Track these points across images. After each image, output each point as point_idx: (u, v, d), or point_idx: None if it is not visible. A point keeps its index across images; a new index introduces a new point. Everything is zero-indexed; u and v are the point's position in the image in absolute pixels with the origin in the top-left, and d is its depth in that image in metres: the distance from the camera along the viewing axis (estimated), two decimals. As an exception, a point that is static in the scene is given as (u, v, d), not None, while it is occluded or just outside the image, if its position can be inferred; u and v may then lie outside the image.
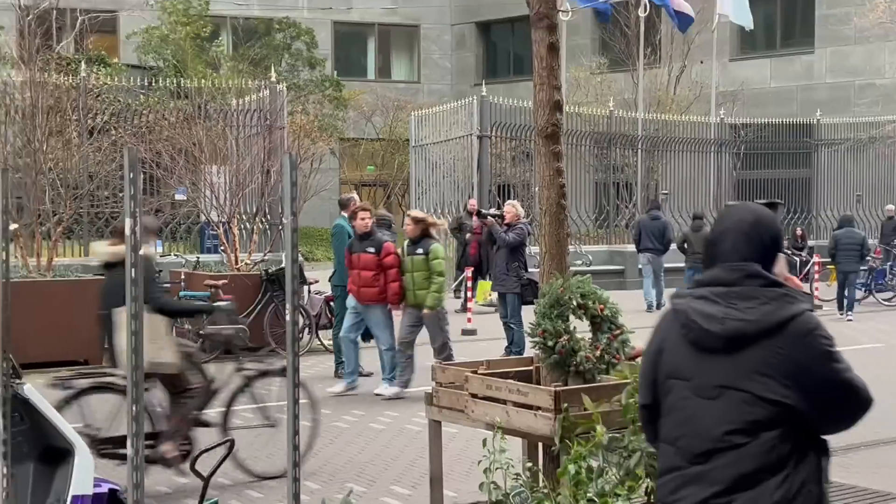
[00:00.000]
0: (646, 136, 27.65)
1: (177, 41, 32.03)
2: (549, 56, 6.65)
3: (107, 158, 17.58)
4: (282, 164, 3.72)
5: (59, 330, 13.36)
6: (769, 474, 3.18)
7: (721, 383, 3.24)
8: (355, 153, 37.98)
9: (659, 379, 3.44)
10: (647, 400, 3.53)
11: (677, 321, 3.38)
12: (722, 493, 3.20)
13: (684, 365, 3.34)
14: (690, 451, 3.28)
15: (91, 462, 5.70)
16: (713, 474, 3.22)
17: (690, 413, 3.31)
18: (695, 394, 3.30)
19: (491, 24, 41.10)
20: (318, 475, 8.19)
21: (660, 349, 3.46)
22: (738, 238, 3.34)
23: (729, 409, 3.22)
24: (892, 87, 30.89)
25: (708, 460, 3.24)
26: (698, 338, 3.29)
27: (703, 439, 3.24)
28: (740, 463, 3.19)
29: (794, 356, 3.17)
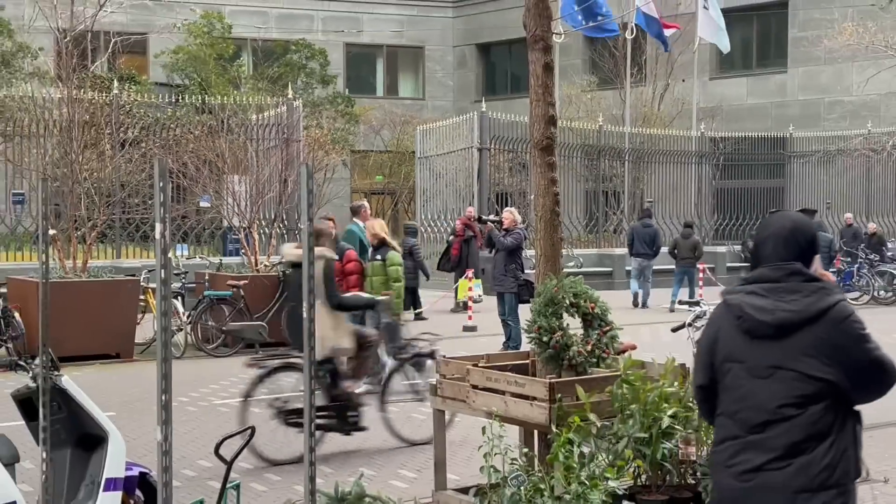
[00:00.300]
0: (632, 148, 27.66)
1: (201, 61, 32.04)
2: (544, 75, 6.66)
3: (137, 169, 17.59)
4: (299, 174, 3.73)
5: (93, 326, 13.38)
6: (817, 442, 3.49)
7: (772, 364, 3.55)
8: (365, 164, 37.98)
9: (716, 363, 3.72)
10: (704, 381, 3.80)
11: (731, 313, 3.67)
12: (777, 458, 3.50)
13: (739, 350, 3.63)
14: (748, 422, 3.57)
15: (123, 447, 5.70)
16: (769, 442, 3.52)
17: (746, 390, 3.60)
18: (749, 374, 3.60)
19: (490, 46, 41.12)
20: (332, 461, 8.20)
21: (715, 338, 3.73)
22: (779, 242, 3.65)
23: (780, 387, 3.53)
24: (859, 103, 30.88)
25: (763, 430, 3.53)
26: (751, 327, 3.58)
27: (760, 412, 3.54)
28: (792, 432, 3.50)
29: (833, 339, 3.49)
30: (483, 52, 41.72)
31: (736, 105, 33.59)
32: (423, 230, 26.36)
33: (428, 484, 7.09)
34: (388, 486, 7.23)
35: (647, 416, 5.54)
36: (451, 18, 41.92)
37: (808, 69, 32.41)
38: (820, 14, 31.16)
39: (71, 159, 15.23)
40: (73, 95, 16.18)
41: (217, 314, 14.39)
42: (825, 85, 32.10)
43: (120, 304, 13.84)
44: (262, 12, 38.10)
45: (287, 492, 7.05)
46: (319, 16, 39.21)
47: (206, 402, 10.86)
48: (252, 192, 16.54)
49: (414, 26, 41.09)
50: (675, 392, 5.76)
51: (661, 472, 5.80)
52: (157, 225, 3.53)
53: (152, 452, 6.81)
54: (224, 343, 14.31)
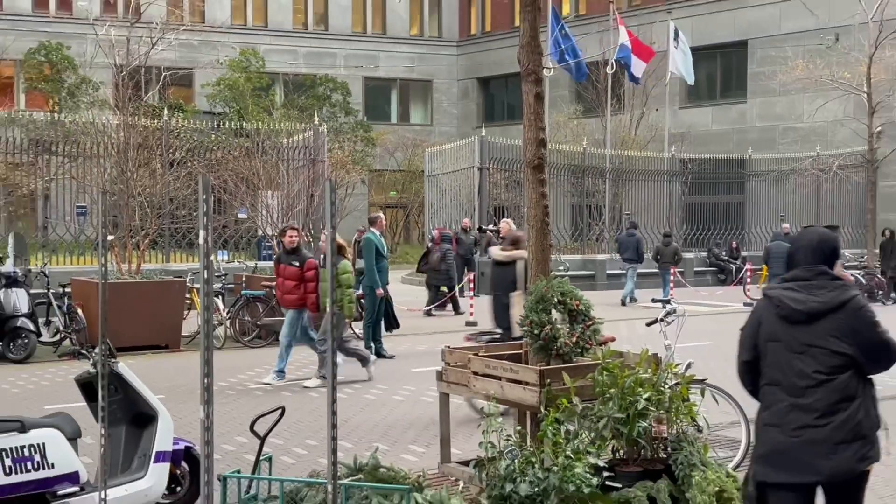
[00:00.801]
0: (612, 168, 27.62)
1: (240, 92, 32.12)
2: (535, 103, 6.67)
3: (184, 185, 17.65)
4: (323, 190, 3.75)
5: (145, 321, 13.38)
6: (848, 403, 3.94)
7: (806, 343, 4.01)
8: (381, 181, 38.01)
9: (759, 343, 4.16)
10: (749, 357, 4.22)
11: (771, 304, 4.14)
12: (819, 417, 3.94)
13: (778, 332, 4.08)
14: (792, 389, 4.00)
15: (171, 425, 5.71)
16: (812, 405, 3.96)
17: (786, 364, 4.04)
18: (787, 350, 4.04)
19: (489, 80, 41.13)
20: (351, 436, 8.19)
21: (759, 322, 4.18)
22: (809, 251, 4.14)
23: (813, 360, 3.99)
24: (809, 130, 30.84)
25: (804, 394, 3.97)
26: (789, 314, 4.05)
27: (802, 378, 3.99)
28: (829, 396, 3.94)
29: (851, 324, 3.98)
30: (483, 84, 41.75)
31: (702, 131, 33.57)
32: (430, 238, 26.38)
33: (435, 457, 7.09)
34: (400, 459, 7.23)
35: (624, 399, 5.54)
36: (455, 55, 41.98)
37: (765, 100, 32.37)
38: (775, 52, 31.11)
39: (126, 177, 15.28)
40: (128, 122, 16.25)
41: (252, 310, 14.41)
42: (780, 113, 32.06)
43: (168, 301, 13.85)
44: (293, 50, 38.18)
45: (312, 463, 7.05)
46: (342, 54, 39.28)
47: (243, 386, 10.86)
48: (283, 205, 16.57)
49: (423, 62, 41.16)
50: (649, 378, 5.76)
51: (636, 447, 5.79)
52: (201, 232, 3.54)
53: (196, 429, 6.83)
54: (258, 335, 14.32)
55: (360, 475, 5.11)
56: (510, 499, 5.22)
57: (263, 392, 10.47)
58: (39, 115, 20.37)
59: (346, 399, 9.87)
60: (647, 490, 5.49)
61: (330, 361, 3.85)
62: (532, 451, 5.41)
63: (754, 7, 32.65)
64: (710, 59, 33.79)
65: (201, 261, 3.57)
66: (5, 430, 4.96)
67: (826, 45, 29.42)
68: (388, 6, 40.27)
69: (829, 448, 3.91)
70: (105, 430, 4.74)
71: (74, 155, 18.27)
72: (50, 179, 18.87)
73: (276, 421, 5.35)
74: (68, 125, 19.11)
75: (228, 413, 9.13)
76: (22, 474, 4.89)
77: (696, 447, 5.72)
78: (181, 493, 5.92)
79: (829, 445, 3.91)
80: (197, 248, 6.00)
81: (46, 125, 18.96)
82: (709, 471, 5.63)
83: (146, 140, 16.73)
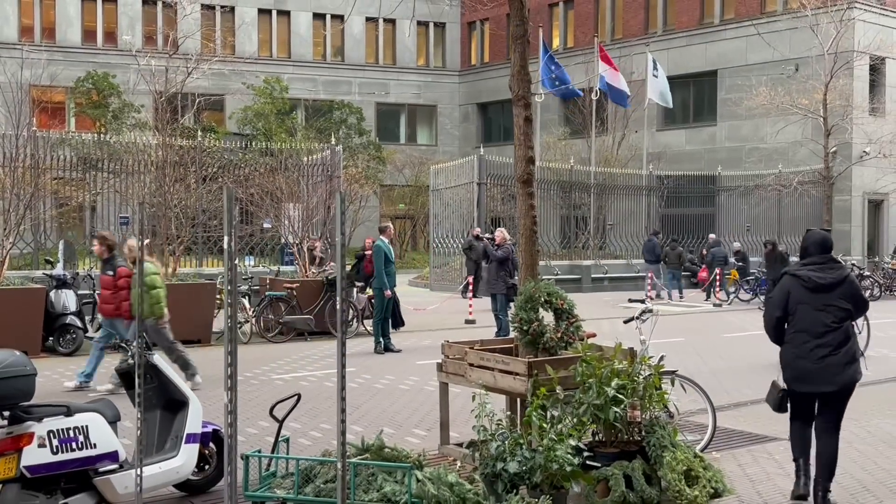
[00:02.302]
0: (597, 183, 27.63)
1: (265, 116, 32.18)
2: (524, 125, 6.70)
3: (215, 198, 17.65)
4: (336, 201, 3.77)
5: (180, 318, 13.26)
6: (847, 339, 5.52)
7: (825, 303, 5.50)
8: (391, 195, 38.01)
9: (790, 305, 5.56)
10: (781, 314, 5.61)
11: (797, 279, 5.56)
12: (834, 349, 5.45)
13: (804, 297, 5.53)
14: (815, 332, 5.48)
15: (200, 409, 5.73)
16: (829, 342, 5.46)
17: (812, 317, 5.50)
18: (812, 308, 5.51)
19: (488, 105, 41.16)
20: (361, 421, 8.20)
21: (788, 291, 5.59)
22: (818, 244, 5.65)
23: (830, 314, 5.49)
24: (772, 150, 30.80)
25: (823, 336, 5.47)
26: (813, 285, 5.51)
27: (821, 326, 5.47)
28: (837, 335, 5.48)
29: (850, 290, 5.56)
30: (482, 109, 41.78)
31: (677, 150, 33.55)
32: (434, 246, 26.36)
33: (435, 440, 7.10)
34: (404, 441, 7.24)
35: (600, 387, 5.54)
36: (457, 83, 42.03)
37: (733, 123, 32.36)
38: (741, 81, 31.10)
39: (164, 190, 15.32)
40: (166, 142, 16.30)
41: (275, 310, 14.42)
42: (746, 135, 32.05)
43: (201, 301, 13.88)
44: (313, 79, 38.26)
45: (326, 445, 7.06)
46: (357, 82, 39.35)
47: (266, 377, 10.88)
48: (303, 216, 16.58)
49: (429, 89, 41.22)
50: (625, 369, 5.77)
51: (613, 430, 5.80)
52: (226, 238, 3.56)
53: (222, 414, 6.85)
54: (280, 332, 14.34)
55: (367, 454, 5.13)
56: (500, 476, 5.23)
57: (284, 381, 10.48)
58: (87, 136, 20.41)
59: (357, 388, 9.88)
60: (623, 469, 5.49)
61: (338, 353, 3.86)
62: (520, 434, 5.42)
63: (724, 41, 32.68)
64: (685, 86, 33.79)
65: (226, 262, 3.60)
66: (53, 413, 4.98)
67: (787, 74, 29.44)
68: (397, 39, 40.34)
69: (840, 367, 5.44)
70: (141, 414, 4.76)
71: (118, 171, 18.31)
72: (96, 193, 18.90)
73: (293, 406, 5.36)
74: (113, 145, 19.14)
75: (252, 400, 9.15)
76: (67, 453, 4.91)
77: (667, 431, 5.73)
78: (209, 470, 5.93)
79: (841, 366, 5.44)
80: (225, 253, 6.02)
81: (94, 145, 18.99)
82: (678, 452, 5.63)
83: (182, 158, 16.76)
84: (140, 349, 4.81)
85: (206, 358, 12.22)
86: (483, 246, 21.87)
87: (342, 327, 3.98)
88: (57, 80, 25.44)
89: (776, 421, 8.20)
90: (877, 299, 22.35)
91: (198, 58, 24.78)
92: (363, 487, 4.82)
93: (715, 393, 8.30)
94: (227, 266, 3.61)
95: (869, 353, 12.46)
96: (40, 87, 24.42)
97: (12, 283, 12.74)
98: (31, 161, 15.12)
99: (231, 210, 3.57)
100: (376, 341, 12.99)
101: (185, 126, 24.41)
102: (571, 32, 37.86)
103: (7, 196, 13.95)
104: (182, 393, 5.64)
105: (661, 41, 33.84)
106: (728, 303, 22.16)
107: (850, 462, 6.73)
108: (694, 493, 5.52)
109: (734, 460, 6.77)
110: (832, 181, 27.40)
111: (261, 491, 5.04)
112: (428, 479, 4.79)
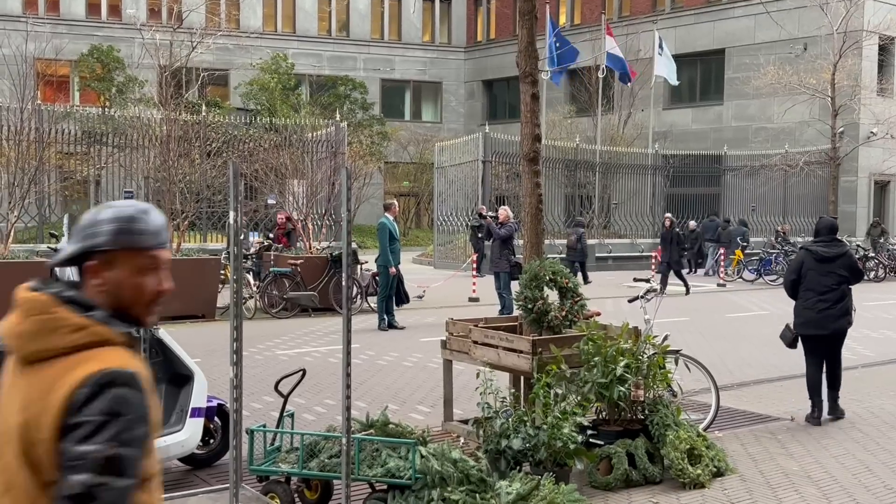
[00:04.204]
0: (602, 162, 27.54)
1: (270, 91, 32.06)
2: (531, 102, 6.66)
3: (219, 174, 17.63)
4: (341, 178, 3.75)
5: (184, 293, 13.37)
6: (845, 297, 7.24)
7: (829, 270, 7.20)
8: (395, 172, 37.93)
9: (803, 270, 7.26)
10: (795, 277, 7.33)
11: (810, 252, 7.31)
12: (833, 304, 7.15)
13: (813, 266, 7.23)
14: (819, 290, 7.17)
15: (205, 384, 5.75)
16: (829, 298, 7.17)
17: (818, 279, 7.19)
18: (818, 273, 7.19)
19: (493, 82, 40.96)
20: (365, 397, 8.23)
21: (802, 262, 7.33)
22: (826, 227, 7.44)
23: (831, 278, 7.18)
24: (778, 129, 30.66)
25: (824, 294, 7.17)
26: (821, 257, 7.22)
27: (825, 287, 7.16)
28: (836, 295, 7.17)
29: (848, 262, 7.30)
30: (487, 86, 41.58)
31: (683, 129, 33.40)
32: (438, 223, 26.34)
33: (439, 417, 7.13)
34: (407, 417, 7.26)
35: (606, 366, 5.55)
36: (462, 60, 41.80)
37: (740, 102, 32.19)
38: (749, 60, 30.91)
39: (168, 165, 15.30)
40: (170, 117, 16.25)
41: (280, 286, 14.44)
42: (752, 115, 31.88)
43: (205, 276, 13.90)
44: (318, 54, 38.06)
45: (330, 420, 7.08)
46: (362, 57, 39.14)
47: (270, 352, 10.91)
48: (307, 192, 16.56)
49: (434, 66, 41.00)
50: (630, 348, 5.77)
51: (617, 409, 5.81)
52: (231, 212, 3.56)
53: (227, 389, 6.88)
54: (285, 308, 14.36)
55: (371, 430, 5.14)
56: (504, 453, 5.25)
57: (288, 357, 10.52)
58: (92, 110, 20.36)
59: (360, 364, 9.91)
60: (626, 447, 5.52)
61: (344, 330, 3.87)
62: (524, 412, 5.43)
63: (732, 19, 32.42)
64: (691, 65, 33.58)
65: (231, 237, 3.59)
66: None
67: (795, 53, 29.23)
68: (403, 15, 40.07)
69: (834, 319, 7.17)
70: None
71: (122, 146, 18.31)
72: (101, 167, 18.90)
73: (298, 382, 5.37)
74: (117, 119, 19.12)
75: (256, 375, 9.18)
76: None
77: (670, 410, 5.75)
78: (214, 444, 5.97)
79: (839, 317, 7.18)
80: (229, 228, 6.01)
81: (98, 119, 18.98)
82: (681, 431, 5.65)
83: (186, 133, 16.73)
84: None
85: (210, 333, 12.26)
86: (486, 224, 22.00)
87: (347, 304, 3.98)
88: (61, 53, 25.35)
89: (778, 401, 8.22)
90: (881, 280, 22.34)
91: (202, 32, 24.66)
92: (367, 463, 4.84)
93: (718, 373, 8.32)
94: (232, 241, 3.61)
95: (872, 334, 12.50)
96: (45, 61, 24.34)
97: (17, 257, 12.76)
98: (35, 134, 15.09)
99: (237, 186, 3.56)
100: (380, 318, 13.01)
101: (189, 101, 24.34)
102: (578, 9, 37.59)
103: (12, 170, 13.95)
104: (187, 367, 5.66)
105: (669, 19, 33.58)
106: (732, 281, 22.16)
107: (853, 443, 6.75)
108: (696, 472, 5.54)
109: (737, 440, 6.79)
110: (839, 162, 27.29)
111: (265, 465, 5.06)
112: (432, 455, 4.80)
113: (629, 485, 5.46)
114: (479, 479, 4.77)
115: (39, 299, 1.73)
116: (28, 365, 1.71)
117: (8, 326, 1.74)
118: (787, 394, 8.48)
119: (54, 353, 1.69)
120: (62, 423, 1.63)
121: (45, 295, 1.73)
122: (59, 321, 1.70)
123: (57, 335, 1.70)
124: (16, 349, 1.74)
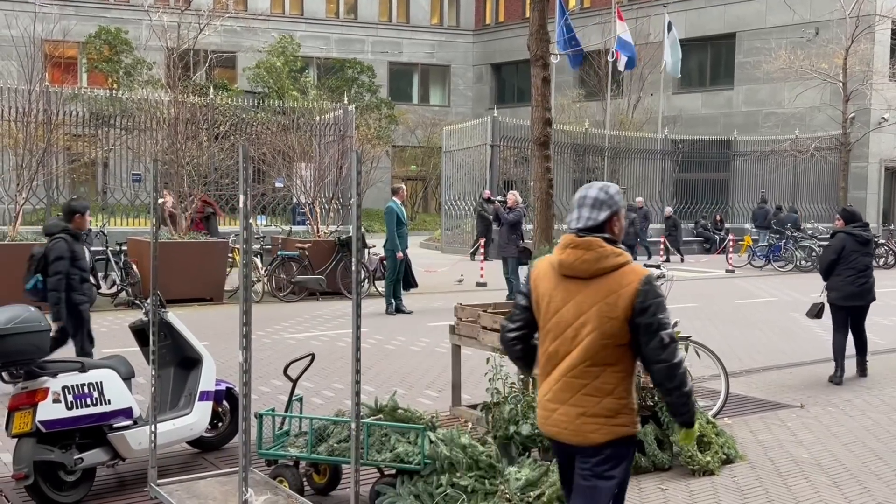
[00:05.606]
0: (611, 147, 27.43)
1: (277, 74, 31.96)
2: (542, 86, 6.60)
3: (227, 156, 17.60)
4: (351, 161, 3.72)
5: (193, 276, 13.47)
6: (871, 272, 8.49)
7: (865, 252, 8.41)
8: (403, 156, 37.87)
9: (844, 252, 8.34)
10: (835, 257, 8.38)
11: (851, 235, 8.36)
12: (866, 280, 8.39)
13: (854, 248, 8.34)
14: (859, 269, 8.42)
15: (214, 367, 5.75)
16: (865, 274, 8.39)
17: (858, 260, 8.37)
18: (859, 254, 8.40)
19: (501, 65, 40.78)
20: (373, 381, 8.24)
21: (843, 244, 8.34)
22: (858, 216, 8.59)
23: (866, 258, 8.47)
24: (789, 115, 30.47)
25: (863, 272, 8.40)
26: (861, 240, 8.36)
27: (864, 265, 8.45)
28: (868, 272, 8.46)
29: (874, 244, 8.74)
30: (496, 70, 41.39)
31: (692, 114, 33.22)
32: (446, 207, 26.29)
33: (447, 401, 7.13)
34: (416, 402, 7.26)
35: (616, 352, 5.51)
36: (471, 43, 41.60)
37: (750, 87, 31.99)
38: (760, 44, 30.68)
39: (176, 148, 15.26)
40: (178, 99, 16.19)
41: (287, 269, 14.45)
42: (763, 100, 31.69)
43: (213, 260, 13.91)
44: (325, 37, 37.93)
45: (338, 404, 7.09)
46: (369, 40, 38.99)
47: (278, 336, 10.92)
48: (315, 175, 16.52)
49: (442, 49, 40.82)
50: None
51: (626, 395, 5.76)
52: (241, 196, 3.53)
53: (236, 372, 6.88)
54: (292, 291, 14.37)
55: (380, 415, 5.14)
56: (513, 438, 5.24)
57: (297, 341, 10.53)
58: (99, 92, 20.31)
59: (369, 349, 9.91)
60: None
61: (354, 314, 3.84)
62: (533, 398, 5.41)
63: (742, 3, 32.15)
64: (702, 49, 33.36)
65: (241, 221, 3.57)
66: (67, 369, 5.00)
67: (807, 38, 28.98)
68: (411, -2, 39.90)
69: (869, 292, 8.36)
70: (155, 372, 4.78)
71: (130, 128, 18.27)
72: (109, 149, 18.88)
73: (307, 366, 5.36)
74: (125, 101, 19.07)
75: (265, 359, 9.18)
76: (82, 409, 4.94)
77: (680, 396, 5.71)
78: (222, 428, 5.97)
79: (869, 291, 8.35)
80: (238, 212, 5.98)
81: (106, 101, 18.92)
82: (691, 417, 5.61)
83: (194, 115, 16.66)
84: (154, 307, 4.81)
85: (218, 316, 12.28)
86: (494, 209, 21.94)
87: (357, 288, 3.96)
88: (69, 34, 25.27)
89: (788, 388, 8.19)
90: (891, 267, 22.25)
91: (210, 14, 24.55)
92: (376, 448, 4.83)
93: (728, 359, 8.29)
94: (241, 224, 3.58)
95: (882, 321, 12.44)
96: (53, 42, 24.28)
97: (26, 239, 12.78)
98: (43, 116, 15.07)
99: (247, 169, 3.53)
100: (388, 302, 13.01)
101: (196, 83, 24.27)
102: (588, -8, 37.35)
103: (20, 151, 13.94)
104: (196, 351, 5.66)
105: (680, 2, 33.31)
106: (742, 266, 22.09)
107: (864, 430, 6.72)
108: (706, 459, 5.52)
109: (746, 427, 6.76)
110: (849, 147, 27.10)
111: (274, 449, 5.06)
112: (441, 441, 4.80)
113: (638, 471, 5.44)
114: (489, 465, 4.76)
115: (593, 241, 3.04)
116: (589, 279, 3.02)
117: (571, 258, 3.05)
118: (798, 380, 8.45)
119: (606, 271, 3.01)
120: (635, 306, 2.96)
121: (593, 238, 3.04)
122: (607, 252, 3.03)
123: (608, 260, 3.01)
124: (581, 272, 3.03)
